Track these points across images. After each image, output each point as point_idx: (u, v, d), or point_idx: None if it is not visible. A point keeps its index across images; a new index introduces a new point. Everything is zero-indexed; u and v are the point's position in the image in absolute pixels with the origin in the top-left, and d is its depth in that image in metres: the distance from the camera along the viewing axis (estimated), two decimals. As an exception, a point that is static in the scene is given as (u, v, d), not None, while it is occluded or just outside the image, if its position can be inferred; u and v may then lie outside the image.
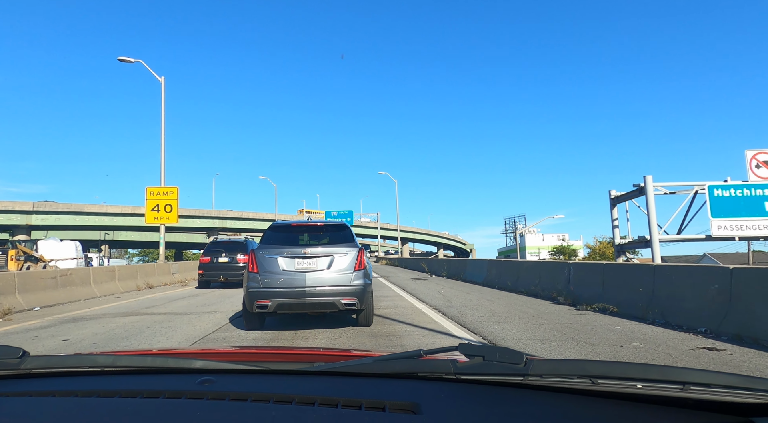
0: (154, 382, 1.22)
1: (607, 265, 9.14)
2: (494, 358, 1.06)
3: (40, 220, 55.00)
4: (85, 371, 1.29)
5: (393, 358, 1.21)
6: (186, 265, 22.22)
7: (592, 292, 9.20)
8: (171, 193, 19.01)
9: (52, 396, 1.12)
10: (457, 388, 1.09)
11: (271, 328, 7.34)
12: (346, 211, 65.13)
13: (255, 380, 1.21)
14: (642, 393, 0.98)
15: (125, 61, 18.73)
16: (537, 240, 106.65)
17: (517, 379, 1.05)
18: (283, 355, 1.67)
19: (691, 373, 0.96)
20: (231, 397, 1.05)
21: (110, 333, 7.39)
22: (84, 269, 13.54)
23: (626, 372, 0.99)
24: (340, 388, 1.11)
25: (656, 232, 17.04)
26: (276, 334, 6.93)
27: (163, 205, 18.85)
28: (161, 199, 18.94)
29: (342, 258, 6.75)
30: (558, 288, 10.52)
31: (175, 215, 18.91)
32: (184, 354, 1.53)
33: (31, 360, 1.23)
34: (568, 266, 10.52)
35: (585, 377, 1.01)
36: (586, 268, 9.97)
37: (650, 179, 17.09)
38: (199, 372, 1.22)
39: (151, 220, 18.91)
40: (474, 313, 8.87)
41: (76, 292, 12.31)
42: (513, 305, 9.85)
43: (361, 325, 7.18)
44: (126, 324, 8.29)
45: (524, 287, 12.38)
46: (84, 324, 8.44)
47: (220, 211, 68.29)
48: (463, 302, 10.67)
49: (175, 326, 7.94)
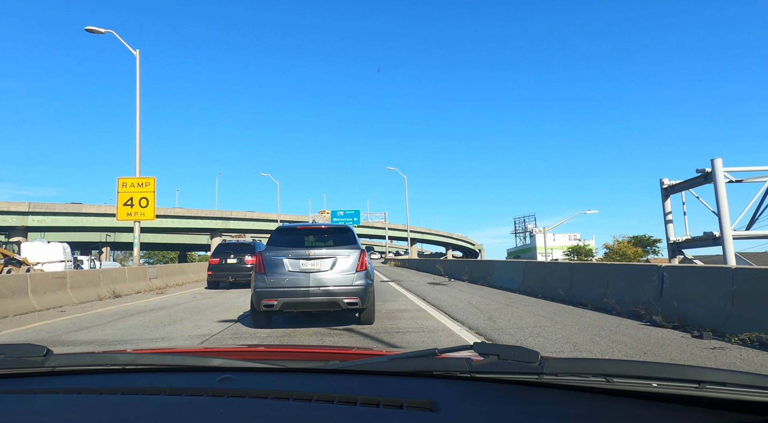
0: (175, 380, 1.21)
1: (741, 270, 6.06)
2: (509, 356, 1.06)
3: (37, 221, 52.49)
4: (107, 369, 1.30)
5: (408, 357, 1.21)
6: (176, 267, 19.39)
7: (712, 311, 6.16)
8: (147, 184, 15.96)
9: (78, 393, 1.14)
10: (473, 386, 1.09)
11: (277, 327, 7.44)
12: (352, 211, 62.18)
13: (273, 378, 1.21)
14: (657, 391, 0.96)
15: (94, 31, 15.93)
16: (548, 239, 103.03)
17: (531, 377, 1.04)
18: (298, 354, 1.68)
19: (707, 372, 0.94)
20: (251, 394, 1.06)
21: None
22: (19, 276, 10.64)
23: (641, 370, 0.98)
24: (357, 386, 1.11)
25: (729, 226, 13.87)
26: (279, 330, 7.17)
27: (137, 199, 15.83)
28: (135, 191, 15.91)
29: (344, 259, 6.87)
30: (644, 300, 7.46)
31: (152, 211, 15.96)
32: (203, 352, 1.69)
33: (56, 358, 1.25)
34: (658, 270, 7.45)
35: (600, 376, 0.99)
36: (694, 274, 6.88)
37: (719, 163, 13.99)
38: (218, 370, 1.23)
39: (123, 217, 15.98)
40: (541, 342, 5.85)
41: (3, 306, 9.42)
42: (589, 327, 6.80)
43: (363, 323, 7.37)
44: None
45: (584, 297, 9.31)
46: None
47: (223, 211, 65.53)
48: (512, 321, 7.64)
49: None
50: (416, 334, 6.55)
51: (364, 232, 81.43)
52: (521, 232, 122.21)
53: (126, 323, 8.35)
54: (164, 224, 60.34)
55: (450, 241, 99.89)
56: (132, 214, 15.91)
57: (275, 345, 4.85)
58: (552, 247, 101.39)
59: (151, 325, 8.12)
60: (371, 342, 6.13)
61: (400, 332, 6.72)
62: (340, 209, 62.41)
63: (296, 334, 6.85)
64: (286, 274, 6.76)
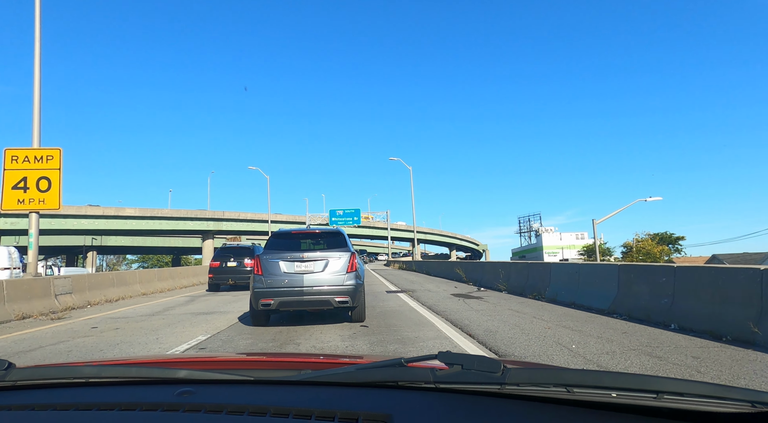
0: (135, 393, 1.18)
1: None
2: (472, 366, 1.03)
3: (9, 223, 47.44)
4: (71, 382, 1.25)
5: (374, 367, 1.18)
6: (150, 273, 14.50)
7: None
8: (50, 158, 10.66)
9: (32, 409, 1.10)
10: (436, 397, 1.06)
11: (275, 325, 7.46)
12: (352, 211, 57.26)
13: (236, 390, 1.15)
14: (617, 402, 0.94)
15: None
16: (555, 239, 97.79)
17: (494, 387, 1.01)
18: (271, 363, 1.68)
19: (665, 381, 0.93)
20: (207, 408, 1.02)
21: None
22: None
23: (601, 381, 0.96)
24: (320, 398, 1.08)
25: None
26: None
27: (34, 180, 10.62)
28: (32, 169, 10.63)
29: (336, 261, 7.19)
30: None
31: (56, 196, 10.82)
32: (171, 363, 1.58)
33: (17, 372, 1.22)
34: None
35: (561, 386, 0.97)
36: None
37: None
38: (182, 382, 1.18)
39: (12, 205, 10.73)
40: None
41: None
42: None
43: (355, 320, 7.58)
44: None
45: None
46: None
47: (215, 211, 60.53)
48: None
49: None
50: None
51: (365, 233, 76.37)
52: (526, 232, 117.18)
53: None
54: (151, 226, 55.39)
55: (454, 241, 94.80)
56: (25, 200, 10.70)
57: (249, 353, 4.20)
58: (560, 246, 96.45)
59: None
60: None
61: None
62: (339, 208, 57.50)
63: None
64: (282, 275, 7.07)
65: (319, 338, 6.42)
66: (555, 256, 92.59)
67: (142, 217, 54.50)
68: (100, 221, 52.37)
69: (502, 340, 5.92)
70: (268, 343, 6.25)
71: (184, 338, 6.85)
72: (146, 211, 54.93)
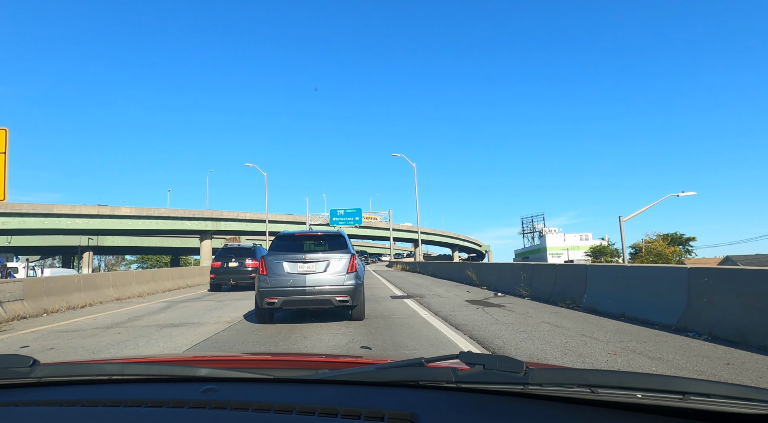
0: (159, 390, 1.19)
1: None
2: (494, 366, 1.02)
3: (1, 223, 45.89)
4: (94, 380, 1.26)
5: (395, 367, 1.17)
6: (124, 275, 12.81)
7: None
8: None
9: (59, 405, 1.10)
10: (458, 397, 1.05)
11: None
12: (353, 211, 55.57)
13: (258, 389, 1.16)
14: (641, 402, 0.93)
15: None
16: (558, 240, 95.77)
17: (517, 387, 1.00)
18: (288, 362, 1.68)
19: (692, 382, 0.92)
20: (233, 406, 1.02)
21: None
22: None
23: (625, 381, 0.95)
24: (342, 397, 1.07)
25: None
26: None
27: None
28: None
29: (336, 262, 7.40)
30: None
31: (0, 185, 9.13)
32: (191, 361, 1.59)
33: (42, 368, 1.22)
34: None
35: (584, 386, 0.96)
36: None
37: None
38: (204, 380, 1.19)
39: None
40: None
41: None
42: None
43: (355, 319, 7.73)
44: None
45: None
46: None
47: (213, 211, 58.85)
48: None
49: None
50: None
51: (366, 234, 74.68)
52: (529, 233, 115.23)
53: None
54: (148, 226, 53.72)
55: (456, 242, 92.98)
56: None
57: (266, 353, 4.13)
58: (564, 247, 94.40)
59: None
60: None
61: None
62: (340, 208, 55.80)
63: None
64: (286, 275, 7.28)
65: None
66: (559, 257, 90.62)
67: (138, 216, 52.80)
68: (95, 221, 50.65)
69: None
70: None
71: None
72: (142, 210, 53.26)
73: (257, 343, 6.11)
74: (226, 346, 6.08)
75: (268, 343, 6.07)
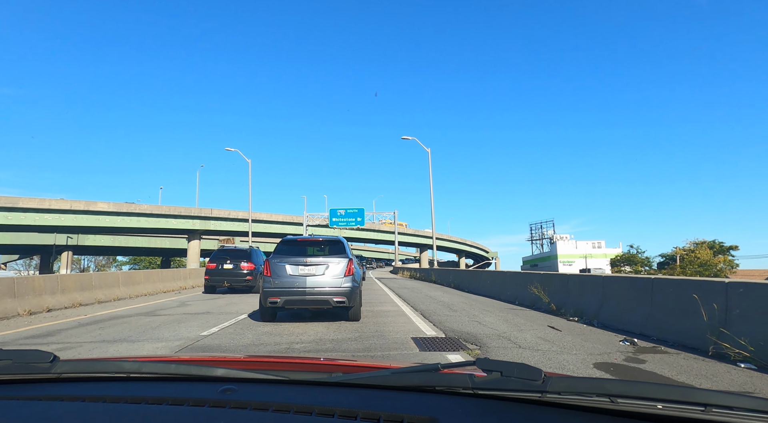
0: (177, 389, 1.17)
1: None
2: (512, 373, 0.99)
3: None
4: (112, 377, 1.26)
5: (411, 371, 1.15)
6: None
7: None
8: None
9: (82, 401, 1.10)
10: (475, 403, 1.02)
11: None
12: (355, 210, 49.16)
13: (275, 390, 1.15)
14: (662, 414, 0.90)
15: None
16: (570, 247, 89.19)
17: (534, 395, 0.97)
18: (302, 365, 1.66)
19: (714, 395, 0.89)
20: (253, 406, 1.01)
21: None
22: None
23: (646, 392, 0.92)
24: (359, 400, 1.05)
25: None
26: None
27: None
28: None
29: (335, 266, 7.77)
30: None
31: None
32: (206, 362, 1.60)
33: (62, 364, 1.22)
34: None
35: (604, 396, 0.93)
36: None
37: None
38: (221, 380, 1.18)
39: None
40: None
41: None
42: None
43: (351, 320, 8.01)
44: None
45: None
46: None
47: (202, 209, 52.71)
48: None
49: None
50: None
51: (369, 237, 68.38)
52: (538, 240, 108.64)
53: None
54: (128, 224, 47.55)
55: (463, 247, 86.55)
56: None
57: (279, 355, 4.30)
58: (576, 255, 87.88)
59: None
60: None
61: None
62: (340, 208, 49.55)
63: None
64: (288, 277, 7.71)
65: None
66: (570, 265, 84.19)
67: (116, 213, 46.65)
68: (67, 217, 44.45)
69: None
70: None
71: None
72: (122, 206, 47.13)
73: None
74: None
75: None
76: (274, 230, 56.77)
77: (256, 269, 15.70)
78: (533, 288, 9.70)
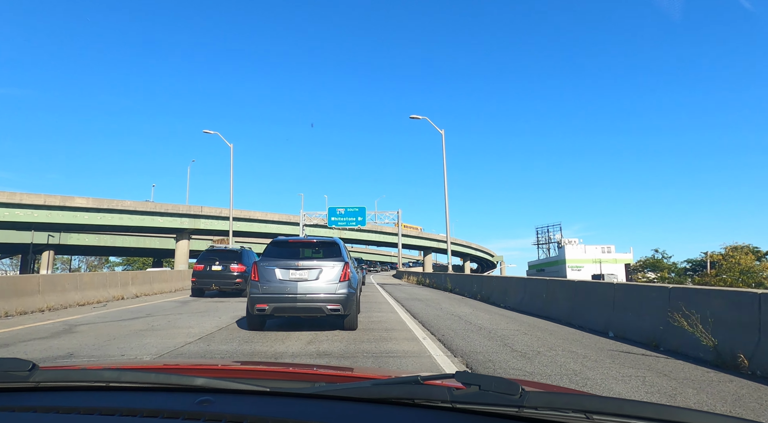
0: (154, 400, 1.13)
1: None
2: (490, 387, 0.98)
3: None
4: (91, 386, 1.21)
5: (391, 384, 1.15)
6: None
7: None
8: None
9: (56, 412, 1.06)
10: (453, 417, 1.01)
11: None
12: (356, 209, 44.63)
13: (253, 401, 1.10)
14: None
15: None
16: (578, 252, 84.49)
17: (512, 410, 0.97)
18: (285, 374, 1.62)
19: (687, 413, 0.90)
20: (227, 419, 0.99)
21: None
22: None
23: (621, 408, 0.92)
24: (338, 413, 1.03)
25: None
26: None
27: None
28: None
29: (329, 270, 7.13)
30: None
31: None
32: (188, 369, 1.58)
33: (40, 373, 1.17)
34: None
35: (580, 412, 0.93)
36: None
37: None
38: (200, 390, 1.13)
39: None
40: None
41: None
42: None
43: (347, 328, 7.41)
44: None
45: None
46: None
47: (191, 206, 48.37)
48: None
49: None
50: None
51: (370, 238, 63.94)
52: (544, 244, 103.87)
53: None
54: (109, 221, 43.23)
55: (468, 251, 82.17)
56: None
57: (263, 362, 4.24)
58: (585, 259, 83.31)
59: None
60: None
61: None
62: (340, 206, 45.15)
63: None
64: (277, 282, 7.06)
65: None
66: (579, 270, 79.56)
67: (97, 209, 42.30)
68: (40, 212, 40.17)
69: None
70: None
71: None
72: (102, 202, 42.73)
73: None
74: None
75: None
76: (269, 230, 52.56)
77: (246, 271, 14.66)
78: (679, 317, 5.31)
